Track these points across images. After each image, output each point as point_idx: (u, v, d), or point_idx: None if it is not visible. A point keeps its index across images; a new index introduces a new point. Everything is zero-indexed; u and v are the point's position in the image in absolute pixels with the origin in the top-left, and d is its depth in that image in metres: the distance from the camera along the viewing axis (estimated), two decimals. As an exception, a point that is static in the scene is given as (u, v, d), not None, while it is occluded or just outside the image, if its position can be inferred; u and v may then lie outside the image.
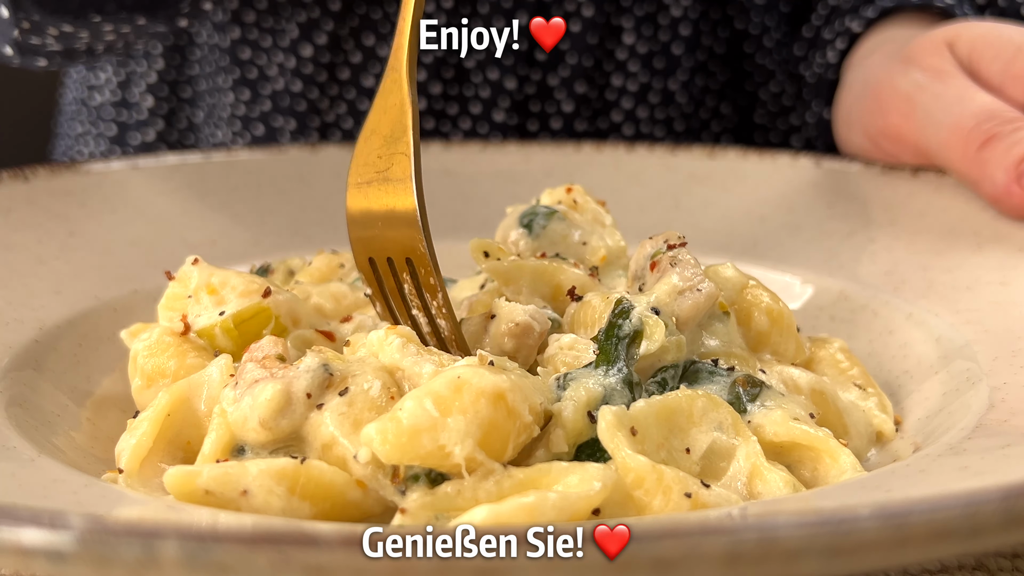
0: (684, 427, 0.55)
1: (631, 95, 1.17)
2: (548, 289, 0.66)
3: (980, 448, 0.54)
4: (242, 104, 1.18)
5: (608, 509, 0.50)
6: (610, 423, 0.52)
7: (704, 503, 0.51)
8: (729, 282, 0.66)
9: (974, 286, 0.74)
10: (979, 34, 0.86)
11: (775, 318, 0.65)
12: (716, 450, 0.55)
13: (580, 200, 0.75)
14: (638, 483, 0.51)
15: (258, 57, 1.16)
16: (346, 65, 1.15)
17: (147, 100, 1.23)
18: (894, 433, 0.65)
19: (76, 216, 0.82)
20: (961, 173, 0.81)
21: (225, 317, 0.64)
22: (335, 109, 1.16)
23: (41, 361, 0.68)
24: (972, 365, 0.66)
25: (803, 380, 0.63)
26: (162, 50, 1.21)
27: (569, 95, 1.16)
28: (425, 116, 1.16)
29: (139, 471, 0.57)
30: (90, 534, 0.37)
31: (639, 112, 1.18)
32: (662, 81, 1.18)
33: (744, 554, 0.37)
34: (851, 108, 0.97)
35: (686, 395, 0.56)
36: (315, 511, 0.51)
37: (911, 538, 0.38)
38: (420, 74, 1.13)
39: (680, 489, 0.51)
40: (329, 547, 0.36)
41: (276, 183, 0.93)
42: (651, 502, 0.50)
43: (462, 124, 1.16)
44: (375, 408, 0.54)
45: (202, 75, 1.21)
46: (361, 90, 1.16)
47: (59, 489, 0.51)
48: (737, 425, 0.56)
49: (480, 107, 1.15)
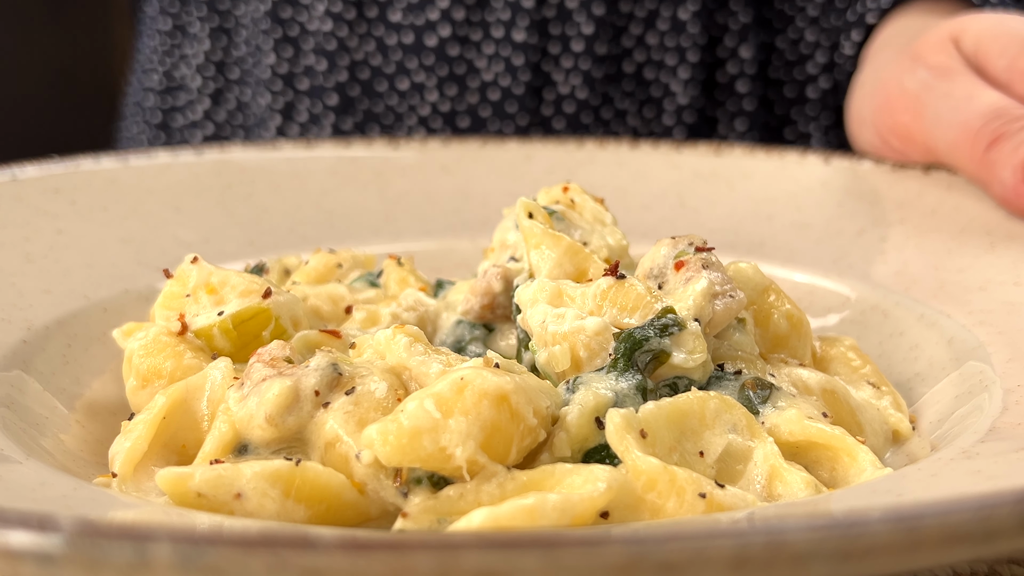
0: (696, 430, 0.55)
1: (640, 20, 1.20)
2: (573, 270, 0.65)
3: (993, 452, 0.54)
4: (285, 62, 1.21)
5: (618, 513, 0.50)
6: (618, 426, 0.52)
7: (720, 504, 0.51)
8: (751, 282, 0.66)
9: (987, 286, 0.74)
10: (985, 28, 0.86)
11: (795, 323, 0.66)
12: (731, 452, 0.55)
13: (578, 199, 0.75)
14: (650, 486, 0.51)
15: (299, 14, 1.20)
16: (374, 2, 1.19)
17: (196, 80, 1.28)
18: (911, 432, 0.65)
19: (66, 214, 0.82)
20: (970, 174, 0.81)
21: (224, 317, 0.64)
22: (364, 46, 1.19)
23: (29, 362, 0.68)
24: (985, 367, 0.66)
25: (813, 380, 0.63)
26: (208, 31, 1.26)
27: (588, 16, 1.18)
28: (450, 42, 1.19)
29: (133, 475, 0.56)
30: (80, 536, 0.37)
31: (649, 38, 1.20)
32: (671, 8, 1.19)
33: (752, 558, 0.37)
34: (862, 105, 0.97)
35: (698, 397, 0.56)
36: (310, 514, 0.51)
37: (923, 542, 0.38)
38: (443, 1, 1.18)
39: (694, 490, 0.50)
40: (327, 550, 0.36)
41: (270, 180, 0.93)
42: (664, 505, 0.50)
43: (486, 49, 1.18)
44: (381, 408, 0.54)
45: (248, 53, 1.25)
46: (388, 25, 1.19)
47: (48, 493, 0.51)
48: (752, 426, 0.56)
49: (503, 30, 1.18)
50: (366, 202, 0.93)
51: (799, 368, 0.64)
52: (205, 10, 1.28)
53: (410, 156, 0.97)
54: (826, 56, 1.20)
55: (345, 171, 0.95)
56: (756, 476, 0.55)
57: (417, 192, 0.95)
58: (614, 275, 0.61)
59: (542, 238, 0.66)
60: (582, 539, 0.38)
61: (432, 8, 1.18)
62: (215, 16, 1.28)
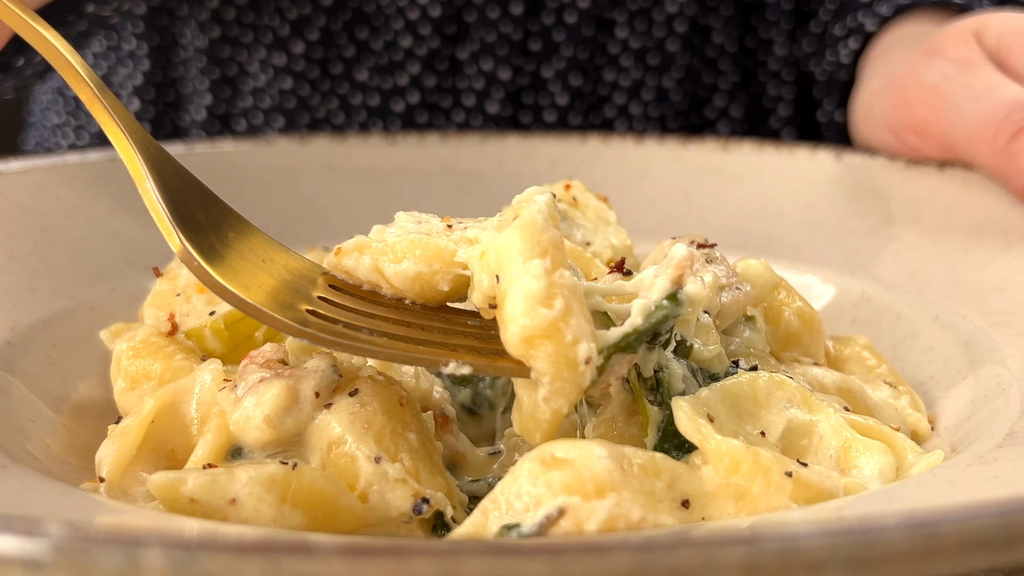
0: (752, 411, 0.56)
1: (624, 90, 1.19)
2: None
3: (1011, 457, 0.54)
4: (222, 103, 1.19)
5: (699, 502, 0.50)
6: (688, 412, 0.53)
7: (807, 483, 0.51)
8: (760, 279, 0.66)
9: (1003, 287, 0.74)
10: (1007, 24, 0.87)
11: (807, 320, 0.66)
12: (793, 429, 0.56)
13: (580, 197, 0.75)
14: (734, 468, 0.51)
15: (238, 54, 1.18)
16: (339, 60, 1.16)
17: (133, 103, 1.24)
18: (930, 431, 0.65)
19: (51, 210, 0.82)
20: (989, 166, 0.81)
21: (216, 317, 0.64)
22: (327, 104, 1.17)
23: (13, 364, 0.67)
24: (1002, 370, 0.66)
25: (828, 379, 0.63)
26: (148, 51, 1.22)
27: (564, 87, 1.17)
28: (418, 110, 1.17)
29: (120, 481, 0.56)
30: (68, 541, 0.37)
31: (632, 108, 1.20)
32: (656, 78, 1.19)
33: (764, 565, 0.37)
34: (872, 103, 0.97)
35: (747, 377, 0.56)
36: (307, 519, 0.51)
37: (941, 549, 0.38)
38: (413, 67, 1.15)
39: (780, 469, 0.51)
40: (324, 556, 0.36)
41: (262, 176, 0.93)
42: (750, 487, 0.51)
43: (455, 117, 1.17)
44: (386, 411, 0.54)
45: (187, 77, 1.22)
46: (354, 84, 1.17)
47: (33, 497, 0.51)
48: (808, 401, 0.57)
49: (474, 99, 1.17)
50: (362, 199, 0.93)
51: (814, 367, 0.64)
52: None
53: (407, 152, 0.97)
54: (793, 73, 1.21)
55: (340, 167, 0.95)
56: (828, 450, 0.55)
57: (414, 189, 0.95)
58: (620, 272, 0.61)
59: None
60: (588, 545, 0.37)
61: (402, 73, 1.16)
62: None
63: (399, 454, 0.53)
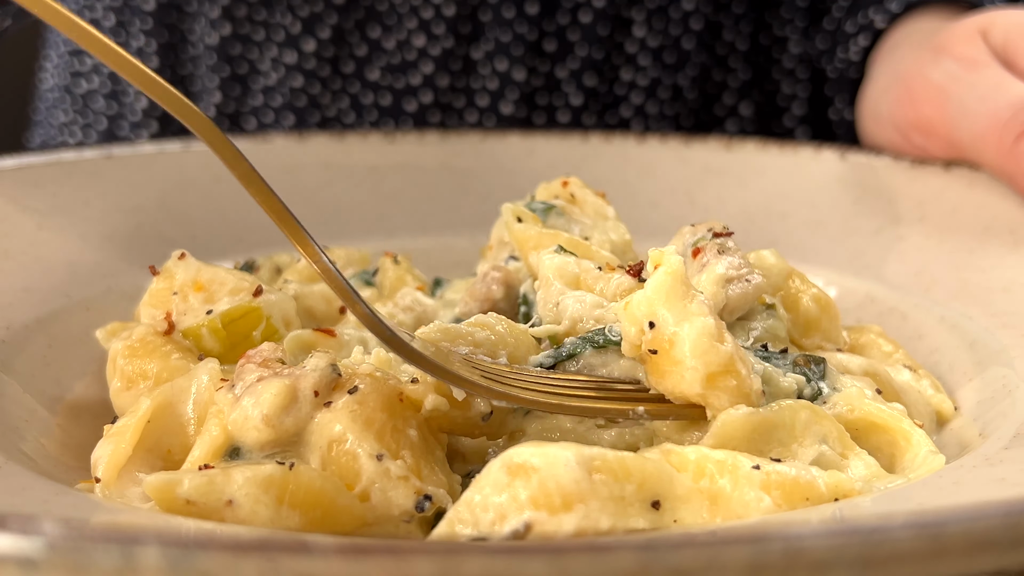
0: (784, 441, 0.55)
1: (641, 89, 1.19)
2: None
3: (1018, 458, 0.54)
4: (232, 101, 1.18)
5: (670, 504, 0.50)
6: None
7: (779, 474, 0.51)
8: (773, 269, 0.67)
9: (1010, 287, 0.74)
10: (1014, 22, 0.87)
11: (824, 305, 0.67)
12: (821, 464, 0.55)
13: (578, 194, 0.75)
14: (700, 473, 0.51)
15: (249, 51, 1.17)
16: (351, 58, 1.16)
17: (142, 100, 1.24)
18: (953, 412, 0.66)
19: (46, 209, 0.82)
20: (996, 166, 0.81)
21: (213, 316, 0.64)
22: (337, 103, 1.17)
23: (9, 363, 0.67)
24: (1009, 371, 0.66)
25: (854, 364, 0.64)
26: (156, 47, 1.22)
27: (578, 88, 1.17)
28: (431, 110, 1.17)
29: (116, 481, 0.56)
30: (64, 539, 0.37)
31: (648, 107, 1.20)
32: (672, 76, 1.19)
33: (768, 565, 0.37)
34: (878, 101, 0.97)
35: (789, 406, 0.56)
36: (305, 520, 0.51)
37: (948, 549, 0.38)
38: (426, 66, 1.16)
39: (745, 464, 0.51)
40: (323, 554, 0.36)
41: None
42: (723, 487, 0.51)
43: (469, 117, 1.17)
44: (387, 408, 0.54)
45: (196, 75, 1.22)
46: (365, 83, 1.17)
47: (28, 497, 0.51)
48: (843, 439, 0.56)
49: (488, 99, 1.16)
50: (361, 198, 0.93)
51: (837, 353, 0.65)
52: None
53: (407, 150, 0.97)
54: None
55: (339, 165, 0.95)
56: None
57: (414, 188, 0.95)
58: (637, 276, 0.62)
59: (539, 239, 0.66)
60: (590, 545, 0.37)
61: (414, 72, 1.16)
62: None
63: (400, 451, 0.53)
